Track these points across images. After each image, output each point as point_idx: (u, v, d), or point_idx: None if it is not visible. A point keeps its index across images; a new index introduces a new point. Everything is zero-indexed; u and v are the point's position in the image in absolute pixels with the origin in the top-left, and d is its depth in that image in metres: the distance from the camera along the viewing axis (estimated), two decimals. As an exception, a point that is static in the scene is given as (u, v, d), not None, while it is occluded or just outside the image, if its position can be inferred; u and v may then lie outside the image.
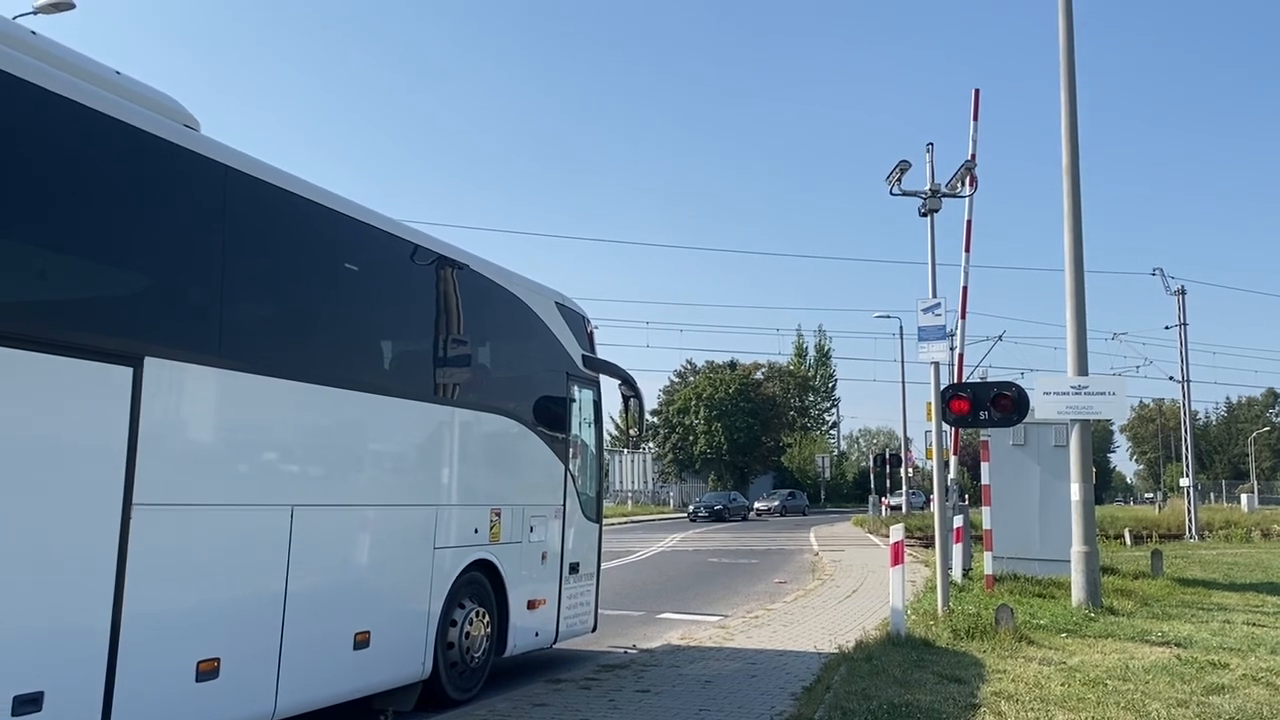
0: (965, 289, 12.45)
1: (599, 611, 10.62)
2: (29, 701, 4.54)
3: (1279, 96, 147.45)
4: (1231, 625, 12.01)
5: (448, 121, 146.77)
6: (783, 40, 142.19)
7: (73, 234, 5.01)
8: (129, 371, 5.13)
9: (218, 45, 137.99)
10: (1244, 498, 60.82)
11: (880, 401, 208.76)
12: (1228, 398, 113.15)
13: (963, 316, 12.00)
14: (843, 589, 16.90)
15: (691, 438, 74.71)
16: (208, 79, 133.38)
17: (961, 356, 12.51)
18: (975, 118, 13.31)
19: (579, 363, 10.13)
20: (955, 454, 17.48)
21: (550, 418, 9.51)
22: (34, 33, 5.44)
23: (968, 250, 12.84)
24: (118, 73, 5.83)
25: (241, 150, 6.18)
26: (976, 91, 13.49)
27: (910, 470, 45.58)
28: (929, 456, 26.28)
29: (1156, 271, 37.71)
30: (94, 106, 5.12)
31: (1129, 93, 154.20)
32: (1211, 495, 70.24)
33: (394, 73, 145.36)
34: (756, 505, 59.31)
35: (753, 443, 74.72)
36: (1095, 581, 13.56)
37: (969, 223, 12.88)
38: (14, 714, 4.48)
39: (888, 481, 53.15)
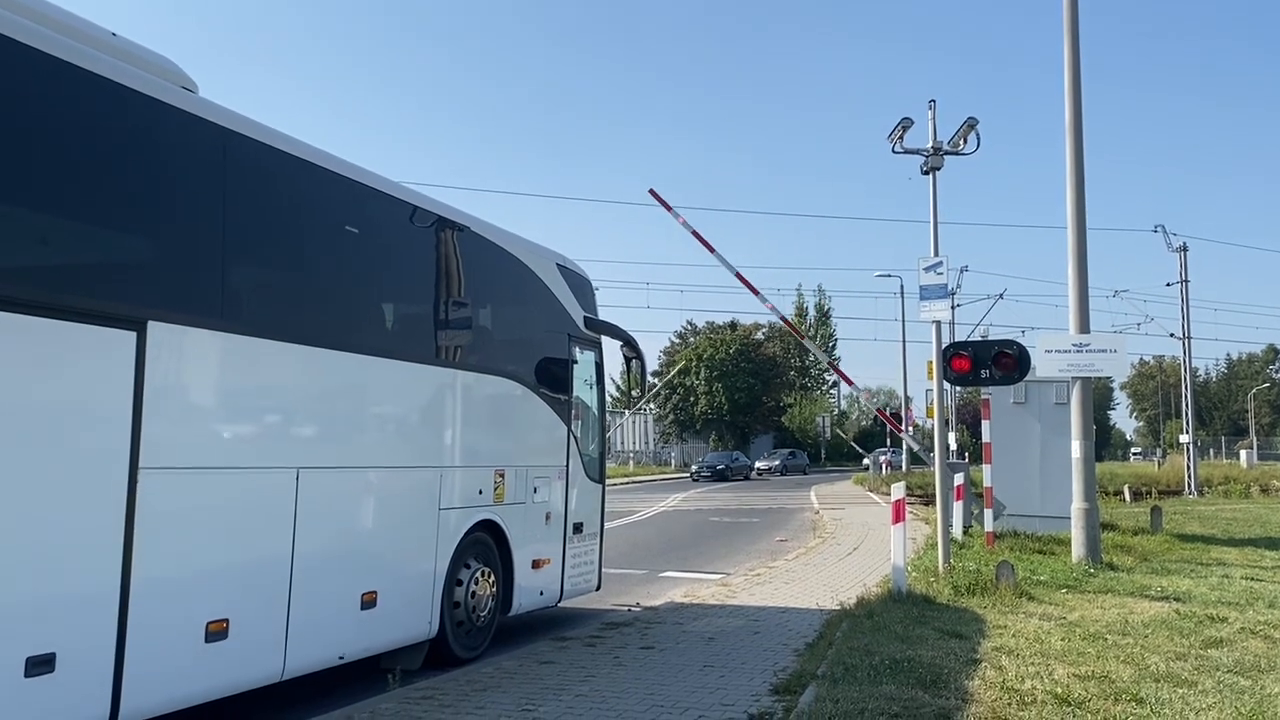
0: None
1: (603, 570, 10.72)
2: (41, 663, 4.60)
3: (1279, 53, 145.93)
4: (1230, 580, 12.10)
5: (440, 70, 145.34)
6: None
7: (71, 198, 4.99)
8: (133, 336, 5.13)
9: (228, 14, 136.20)
10: (1243, 454, 60.99)
11: (881, 360, 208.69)
12: (1228, 354, 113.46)
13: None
14: (843, 547, 17.02)
15: (692, 398, 74.92)
16: (219, 47, 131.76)
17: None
18: None
19: (580, 324, 10.12)
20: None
21: (552, 379, 9.52)
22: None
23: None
24: (114, 34, 5.77)
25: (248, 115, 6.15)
26: None
27: (911, 428, 45.62)
28: (930, 415, 26.36)
29: (1158, 228, 37.55)
30: (89, 68, 5.07)
31: (1131, 48, 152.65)
32: (1211, 451, 70.46)
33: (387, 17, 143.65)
34: (758, 465, 59.49)
35: (753, 403, 74.94)
36: (1095, 538, 13.66)
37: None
38: (27, 675, 4.54)
39: (887, 440, 53.32)
